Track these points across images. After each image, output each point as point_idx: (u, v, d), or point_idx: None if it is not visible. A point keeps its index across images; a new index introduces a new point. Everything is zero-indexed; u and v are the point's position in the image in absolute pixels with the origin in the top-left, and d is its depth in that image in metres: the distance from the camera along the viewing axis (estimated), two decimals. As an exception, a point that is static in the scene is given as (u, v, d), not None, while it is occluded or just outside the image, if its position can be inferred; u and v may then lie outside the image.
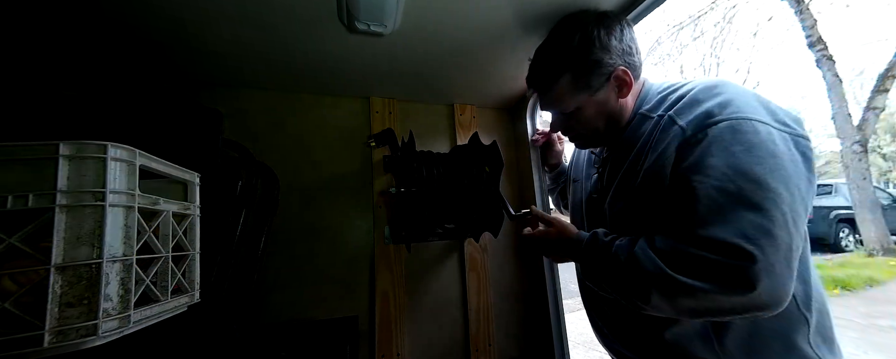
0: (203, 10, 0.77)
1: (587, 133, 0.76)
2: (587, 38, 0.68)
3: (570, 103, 0.72)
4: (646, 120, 0.68)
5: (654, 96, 0.70)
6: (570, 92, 0.71)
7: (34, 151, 0.41)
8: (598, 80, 0.68)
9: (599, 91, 0.70)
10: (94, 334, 0.40)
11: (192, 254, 0.62)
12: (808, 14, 5.53)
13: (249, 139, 1.08)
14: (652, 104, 0.69)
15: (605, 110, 0.72)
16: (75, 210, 0.42)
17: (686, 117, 0.59)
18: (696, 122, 0.57)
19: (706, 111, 0.57)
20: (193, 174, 0.65)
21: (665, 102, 0.66)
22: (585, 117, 0.73)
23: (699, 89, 0.61)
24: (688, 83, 0.66)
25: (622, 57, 0.68)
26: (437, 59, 1.03)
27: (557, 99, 0.73)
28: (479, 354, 1.21)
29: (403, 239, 1.09)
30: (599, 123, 0.73)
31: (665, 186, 0.59)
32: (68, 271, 0.40)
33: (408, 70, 1.09)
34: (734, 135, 0.53)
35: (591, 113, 0.72)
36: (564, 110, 0.74)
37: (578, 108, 0.72)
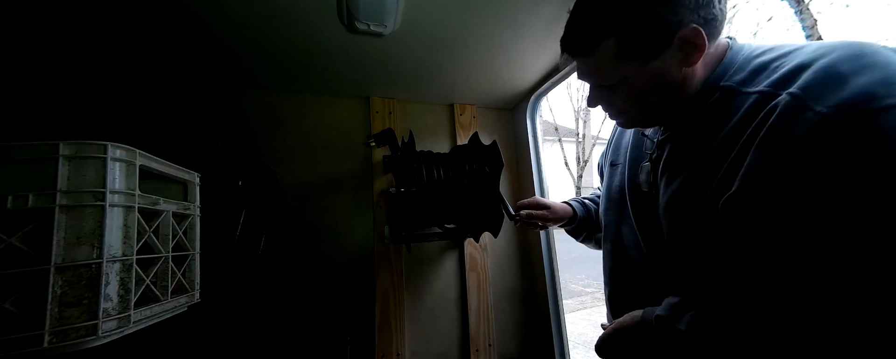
0: (203, 10, 0.77)
1: (632, 111, 0.57)
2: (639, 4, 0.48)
3: (612, 75, 0.53)
4: (735, 96, 0.48)
5: (744, 63, 0.50)
6: (611, 61, 0.52)
7: (34, 151, 0.41)
8: (656, 44, 0.49)
9: (655, 59, 0.50)
10: (94, 334, 0.40)
11: (192, 254, 0.62)
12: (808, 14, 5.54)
13: (249, 139, 1.08)
14: (745, 74, 0.49)
15: (661, 83, 0.52)
16: (75, 210, 0.42)
17: (826, 99, 0.38)
18: (848, 107, 0.37)
19: (863, 91, 0.37)
20: (193, 174, 0.65)
21: (766, 73, 0.46)
22: (631, 93, 0.54)
23: (837, 57, 0.41)
24: (801, 48, 0.46)
25: (697, 10, 0.48)
26: (437, 59, 1.03)
27: (595, 69, 0.55)
28: (479, 354, 1.21)
29: (403, 239, 1.09)
30: (651, 99, 0.54)
31: (791, 206, 0.39)
32: (68, 271, 0.40)
33: (408, 70, 1.09)
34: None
35: (640, 87, 0.53)
36: (602, 83, 0.56)
37: (623, 80, 0.53)
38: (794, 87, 0.41)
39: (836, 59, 0.40)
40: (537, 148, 1.34)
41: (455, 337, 1.22)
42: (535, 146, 1.34)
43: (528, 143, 1.34)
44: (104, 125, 0.70)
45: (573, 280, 5.09)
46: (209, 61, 0.97)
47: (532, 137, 1.34)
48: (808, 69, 0.41)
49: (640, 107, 0.56)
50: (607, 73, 0.54)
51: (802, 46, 0.46)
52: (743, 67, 0.50)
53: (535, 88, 1.25)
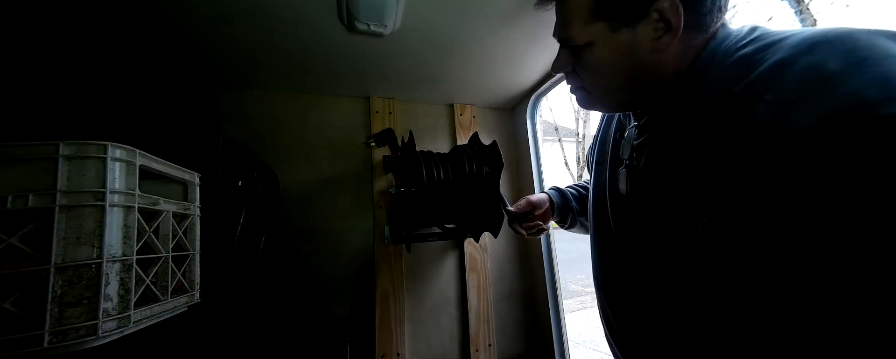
0: (203, 11, 0.77)
1: (591, 87, 0.51)
2: None
3: (581, 33, 0.47)
4: (712, 97, 0.42)
5: (725, 54, 0.43)
6: (583, 14, 0.46)
7: (34, 151, 0.41)
8: (630, 8, 0.43)
9: (626, 28, 0.44)
10: (94, 334, 0.40)
11: (192, 254, 0.62)
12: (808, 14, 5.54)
13: (249, 139, 1.08)
14: (724, 69, 0.42)
15: (627, 62, 0.46)
16: (75, 210, 0.42)
17: (811, 108, 0.32)
18: (838, 117, 0.31)
19: (856, 95, 0.30)
20: (193, 174, 0.65)
21: (746, 70, 0.39)
22: (594, 63, 0.48)
23: (823, 52, 0.34)
24: (787, 37, 0.38)
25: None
26: (437, 59, 1.03)
27: (567, 20, 0.49)
28: (479, 354, 1.21)
29: (403, 239, 1.09)
30: (614, 78, 0.48)
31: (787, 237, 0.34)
32: (68, 271, 0.40)
33: (408, 70, 1.09)
34: None
35: (604, 59, 0.47)
36: (570, 40, 0.49)
37: (589, 44, 0.47)
38: (773, 92, 0.35)
39: (823, 55, 0.34)
40: (537, 148, 1.34)
41: (455, 337, 1.22)
42: (535, 146, 1.34)
43: (528, 143, 1.34)
44: (104, 125, 0.70)
45: (573, 280, 5.09)
46: (209, 61, 0.97)
47: (532, 137, 1.34)
48: (790, 68, 0.35)
49: (599, 84, 0.50)
50: (576, 28, 0.47)
51: (788, 35, 0.39)
52: (723, 60, 0.43)
53: (535, 88, 1.25)
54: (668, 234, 0.46)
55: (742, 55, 0.41)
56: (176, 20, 0.79)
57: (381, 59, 1.01)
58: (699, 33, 0.44)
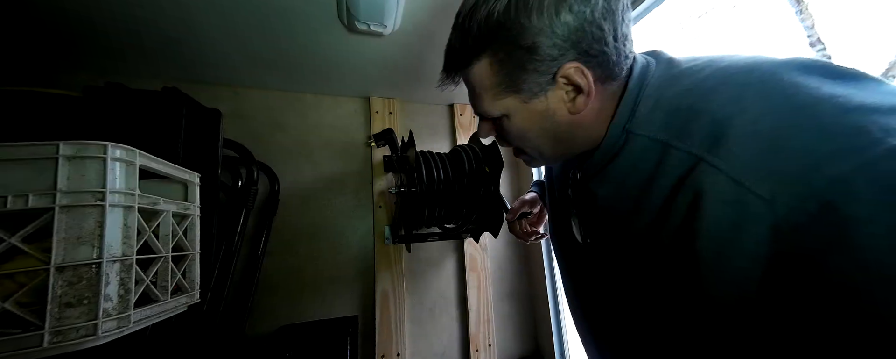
0: (203, 10, 0.77)
1: (528, 152, 0.50)
2: (521, 3, 0.38)
3: (493, 107, 0.45)
4: (646, 145, 0.39)
5: (651, 95, 0.40)
6: (490, 91, 0.44)
7: (34, 151, 0.41)
8: (535, 79, 0.41)
9: (536, 97, 0.42)
10: (94, 334, 0.40)
11: (192, 254, 0.62)
12: (807, 14, 5.54)
13: (249, 139, 1.08)
14: (659, 117, 0.38)
15: (548, 125, 0.44)
16: (75, 210, 0.42)
17: (763, 175, 0.29)
18: (792, 185, 0.28)
19: (803, 161, 0.28)
20: (193, 174, 0.65)
21: (679, 119, 0.36)
22: (515, 131, 0.46)
23: (759, 110, 0.31)
24: (716, 86, 0.35)
25: (579, 44, 0.38)
26: (437, 59, 1.02)
27: (476, 96, 0.47)
28: (479, 354, 1.21)
29: (403, 239, 1.09)
30: (540, 141, 0.46)
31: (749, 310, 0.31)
32: (68, 271, 0.40)
33: (408, 70, 1.09)
34: (886, 188, 0.25)
35: (524, 127, 0.45)
36: (485, 114, 0.48)
37: (505, 116, 0.46)
38: (715, 153, 0.32)
39: (756, 113, 0.31)
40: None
41: (455, 337, 1.23)
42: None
43: (528, 143, 1.34)
44: (104, 125, 0.70)
45: (573, 280, 5.08)
46: (209, 61, 0.97)
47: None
48: (726, 128, 0.32)
49: (529, 147, 0.48)
50: (487, 104, 0.46)
51: (706, 73, 0.37)
52: (647, 105, 0.40)
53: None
54: (645, 287, 0.42)
55: (670, 104, 0.38)
56: (175, 19, 0.79)
57: (381, 59, 1.01)
58: (614, 81, 0.42)
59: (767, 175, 0.29)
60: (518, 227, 0.88)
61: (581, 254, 0.54)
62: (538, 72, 0.40)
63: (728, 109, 0.33)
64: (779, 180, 0.28)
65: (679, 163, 0.35)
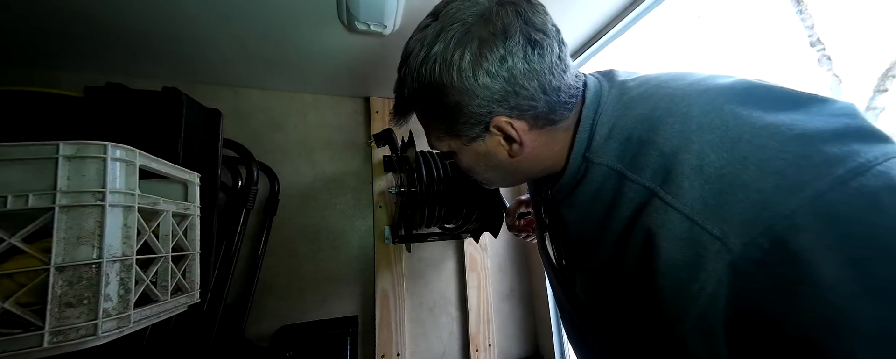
0: (203, 10, 0.77)
1: (484, 183, 0.52)
2: (443, 64, 0.38)
3: (440, 144, 0.48)
4: (601, 172, 0.39)
5: (608, 131, 0.39)
6: (433, 130, 0.47)
7: (34, 151, 0.41)
8: (468, 129, 0.42)
9: (475, 141, 0.44)
10: (94, 334, 0.40)
11: (192, 254, 0.62)
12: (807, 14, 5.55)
13: (249, 139, 1.08)
14: (609, 149, 0.38)
15: (494, 162, 0.46)
16: (75, 210, 0.42)
17: (713, 214, 0.29)
18: (742, 225, 0.28)
19: (750, 199, 0.28)
20: (193, 174, 0.65)
21: (632, 149, 0.36)
22: (465, 165, 0.48)
23: (703, 148, 0.31)
24: (663, 114, 0.35)
25: (504, 101, 0.39)
26: (437, 59, 1.02)
27: (426, 131, 0.49)
28: (479, 354, 1.21)
29: (403, 239, 1.09)
30: (490, 173, 0.48)
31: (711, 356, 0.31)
32: (68, 271, 0.40)
33: (408, 70, 1.09)
34: (847, 235, 0.25)
35: (471, 163, 0.47)
36: (434, 148, 0.50)
37: (452, 153, 0.48)
38: (666, 189, 0.32)
39: (701, 147, 0.31)
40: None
41: (455, 337, 1.23)
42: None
43: (528, 143, 1.34)
44: (104, 125, 0.70)
45: (573, 280, 5.08)
46: (209, 61, 0.97)
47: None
48: (674, 162, 0.32)
49: (482, 179, 0.50)
50: (435, 140, 0.48)
51: (654, 100, 0.37)
52: (603, 133, 0.39)
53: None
54: (613, 311, 0.43)
55: (620, 130, 0.38)
56: (175, 19, 0.79)
57: (381, 59, 1.01)
58: (556, 124, 0.42)
59: (717, 213, 0.29)
60: (516, 226, 0.89)
61: (558, 273, 0.54)
62: (469, 124, 0.41)
63: (674, 142, 0.33)
64: (728, 219, 0.28)
65: (635, 195, 0.35)
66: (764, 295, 0.27)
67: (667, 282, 0.31)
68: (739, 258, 0.27)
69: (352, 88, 1.20)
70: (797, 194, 0.26)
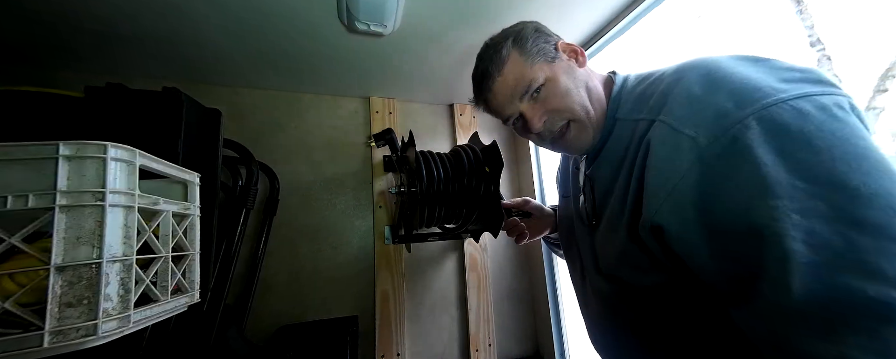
0: (203, 10, 0.77)
1: (578, 113, 0.57)
2: (517, 26, 0.61)
3: (535, 73, 0.56)
4: (625, 126, 0.53)
5: (628, 95, 0.55)
6: (524, 61, 0.57)
7: (34, 151, 0.41)
8: (548, 47, 0.58)
9: (557, 59, 0.57)
10: (94, 334, 0.40)
11: (192, 254, 0.62)
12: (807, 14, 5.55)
13: (249, 139, 1.08)
14: (630, 105, 0.53)
15: (580, 79, 0.57)
16: (75, 210, 0.42)
17: (691, 122, 0.40)
18: (710, 128, 0.38)
19: (718, 110, 0.39)
20: (193, 174, 0.65)
21: (643, 101, 0.50)
22: (563, 88, 0.56)
23: (689, 80, 0.44)
24: (664, 72, 0.50)
25: (558, 36, 0.61)
26: (437, 59, 1.03)
27: (517, 77, 0.57)
28: (479, 354, 1.21)
29: (403, 239, 1.09)
30: (583, 95, 0.57)
31: (681, 228, 0.40)
32: (68, 271, 0.40)
33: (408, 70, 1.09)
34: (779, 133, 0.35)
35: (567, 82, 0.56)
36: (532, 86, 0.57)
37: (548, 78, 0.56)
38: (663, 113, 0.45)
39: (689, 82, 0.44)
40: (537, 148, 1.34)
41: (455, 337, 1.22)
42: (536, 146, 1.34)
43: (528, 143, 1.34)
44: (104, 125, 0.70)
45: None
46: (209, 61, 0.97)
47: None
48: (671, 94, 0.45)
49: (579, 108, 0.57)
50: (528, 72, 0.57)
51: (664, 71, 0.51)
52: (628, 99, 0.55)
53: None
54: (614, 240, 0.53)
55: (639, 92, 0.53)
56: (175, 19, 0.79)
57: (381, 59, 1.01)
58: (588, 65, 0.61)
59: (693, 122, 0.40)
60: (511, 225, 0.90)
61: (586, 228, 0.64)
62: (548, 43, 0.58)
63: (672, 80, 0.47)
64: (700, 124, 0.40)
65: (643, 129, 0.48)
66: (719, 177, 0.38)
67: (653, 173, 0.43)
68: (706, 152, 0.38)
69: (352, 88, 1.20)
70: (748, 108, 0.37)
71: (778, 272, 0.33)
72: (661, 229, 0.42)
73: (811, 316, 0.32)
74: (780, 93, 0.37)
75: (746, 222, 0.35)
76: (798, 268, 0.32)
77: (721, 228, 0.37)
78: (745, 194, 0.35)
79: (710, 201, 0.38)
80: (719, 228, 0.37)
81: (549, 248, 1.07)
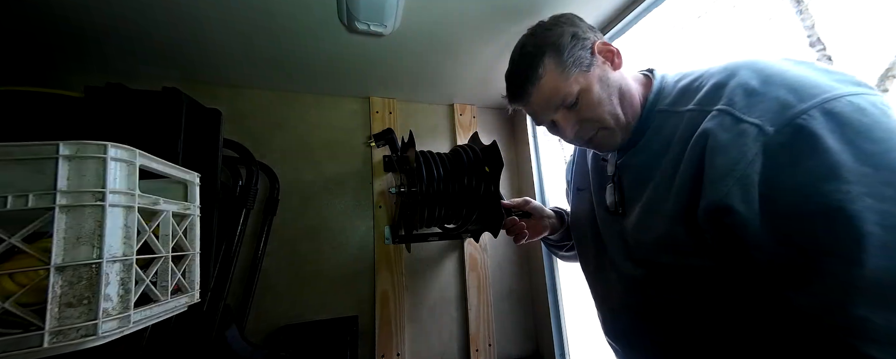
0: (204, 11, 0.77)
1: (608, 122, 0.60)
2: (553, 21, 0.63)
3: (570, 86, 0.58)
4: (670, 117, 0.55)
5: (671, 89, 0.58)
6: (560, 74, 0.59)
7: (34, 151, 0.41)
8: (585, 53, 0.59)
9: (593, 66, 0.59)
10: (94, 334, 0.40)
11: (192, 254, 0.62)
12: (808, 14, 5.55)
13: (249, 139, 1.08)
14: (673, 97, 0.57)
15: (613, 86, 0.59)
16: (75, 210, 0.42)
17: (753, 111, 0.43)
18: (775, 117, 0.41)
19: (779, 101, 0.42)
20: (193, 174, 0.65)
21: (690, 94, 0.53)
22: (596, 99, 0.58)
23: (745, 75, 0.47)
24: (708, 70, 0.54)
25: (595, 32, 0.62)
26: (437, 59, 1.03)
27: (552, 90, 0.60)
28: (479, 354, 1.21)
29: (403, 239, 1.09)
30: (615, 104, 0.59)
31: (747, 210, 0.42)
32: (68, 271, 0.40)
33: (408, 70, 1.09)
34: (842, 124, 0.39)
35: (600, 92, 0.58)
36: (567, 100, 0.59)
37: (582, 90, 0.58)
38: (722, 103, 0.47)
39: (746, 77, 0.47)
40: (537, 148, 1.34)
41: (455, 337, 1.23)
42: (535, 146, 1.34)
43: (528, 143, 1.34)
44: (104, 125, 0.70)
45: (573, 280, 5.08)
46: (209, 61, 0.97)
47: (532, 137, 1.34)
48: (726, 87, 0.48)
49: (610, 116, 0.59)
50: (563, 86, 0.59)
51: (707, 70, 0.54)
52: (670, 93, 0.58)
53: (535, 88, 1.25)
54: (656, 227, 0.54)
55: (683, 86, 0.56)
56: (175, 19, 0.79)
57: (381, 59, 1.01)
58: (633, 77, 0.63)
59: (757, 112, 0.43)
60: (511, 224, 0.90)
61: (607, 221, 0.67)
62: (585, 49, 0.59)
63: (723, 76, 0.49)
64: (764, 114, 0.42)
65: (692, 120, 0.50)
66: (786, 163, 0.40)
67: (717, 158, 0.44)
68: (772, 139, 0.41)
69: (352, 88, 1.20)
70: (809, 101, 0.40)
71: (852, 251, 0.36)
72: (727, 211, 0.43)
73: (882, 290, 0.35)
74: (835, 89, 0.41)
75: (817, 204, 0.38)
76: (873, 247, 0.35)
77: (787, 211, 0.40)
78: (814, 179, 0.38)
79: (776, 185, 0.41)
80: (785, 211, 0.40)
81: (548, 250, 1.08)
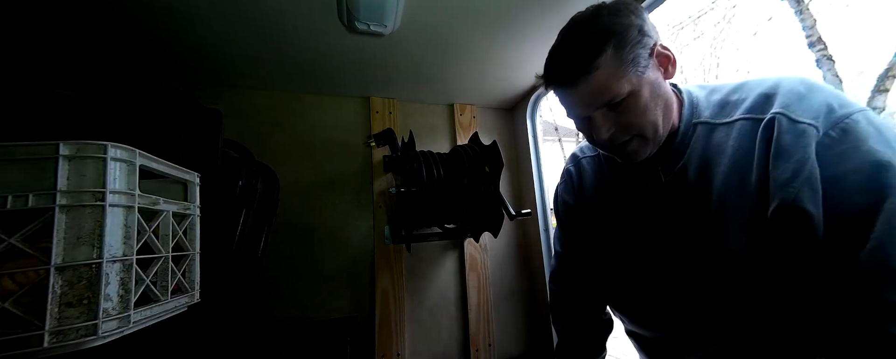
0: (204, 11, 0.77)
1: (647, 132, 0.57)
2: (619, 6, 0.55)
3: (622, 86, 0.53)
4: (715, 128, 0.57)
5: (705, 103, 0.59)
6: (616, 71, 0.53)
7: (34, 151, 0.41)
8: (644, 54, 0.54)
9: (648, 69, 0.54)
10: (94, 334, 0.40)
11: (192, 254, 0.62)
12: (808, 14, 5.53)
13: (249, 139, 1.08)
14: (712, 110, 0.58)
15: (661, 95, 0.56)
16: (75, 210, 0.42)
17: (806, 114, 0.49)
18: (825, 119, 0.48)
19: (825, 106, 0.49)
20: (193, 174, 0.65)
21: (732, 106, 0.56)
22: (643, 105, 0.55)
23: (791, 85, 0.53)
24: (745, 84, 0.58)
25: (657, 34, 0.57)
26: (437, 59, 1.02)
27: (602, 86, 0.54)
28: (479, 353, 1.21)
29: (403, 239, 1.09)
30: (658, 114, 0.56)
31: (816, 207, 0.46)
32: (68, 271, 0.40)
33: (408, 70, 1.09)
34: (879, 129, 0.46)
35: (649, 98, 0.55)
36: (615, 99, 0.54)
37: (632, 92, 0.54)
38: (776, 108, 0.51)
39: (793, 85, 0.53)
40: (537, 148, 1.34)
41: (455, 337, 1.22)
42: (535, 146, 1.34)
43: (528, 143, 1.34)
44: (104, 125, 0.70)
45: (573, 280, 5.06)
46: (209, 61, 0.97)
47: (532, 137, 1.34)
48: (777, 96, 0.53)
49: (651, 125, 0.57)
50: (614, 85, 0.53)
51: (744, 83, 0.58)
52: (706, 106, 0.59)
53: (535, 88, 1.25)
54: (741, 239, 0.54)
55: (719, 100, 0.59)
56: (175, 19, 0.79)
57: (381, 59, 1.01)
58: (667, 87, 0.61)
59: (810, 114, 0.49)
60: None
61: (690, 254, 0.61)
62: (645, 48, 0.54)
63: (769, 86, 0.54)
64: (817, 116, 0.48)
65: (744, 126, 0.54)
66: (837, 161, 0.46)
67: (782, 160, 0.48)
68: (821, 140, 0.47)
69: (352, 88, 1.20)
70: (848, 108, 0.48)
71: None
72: (799, 211, 0.47)
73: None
74: (858, 103, 0.49)
75: (864, 197, 0.44)
76: None
77: (837, 204, 0.46)
78: (864, 176, 0.44)
79: (829, 181, 0.46)
80: (835, 204, 0.46)
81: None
